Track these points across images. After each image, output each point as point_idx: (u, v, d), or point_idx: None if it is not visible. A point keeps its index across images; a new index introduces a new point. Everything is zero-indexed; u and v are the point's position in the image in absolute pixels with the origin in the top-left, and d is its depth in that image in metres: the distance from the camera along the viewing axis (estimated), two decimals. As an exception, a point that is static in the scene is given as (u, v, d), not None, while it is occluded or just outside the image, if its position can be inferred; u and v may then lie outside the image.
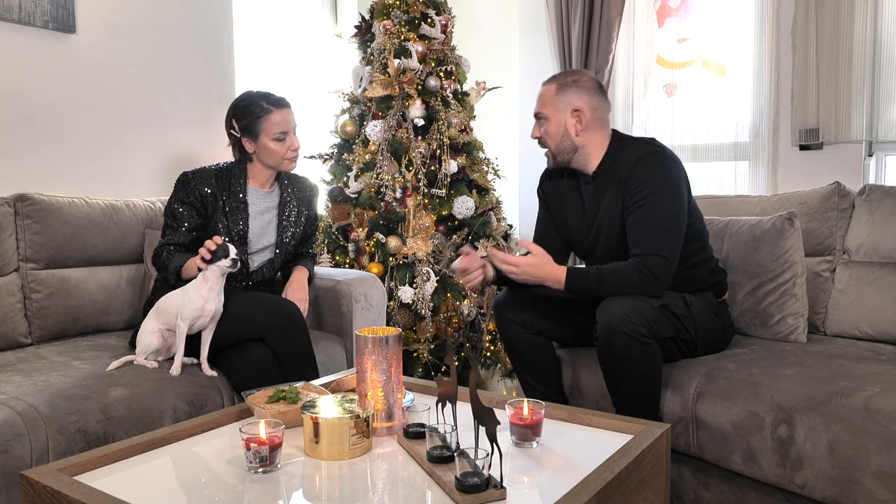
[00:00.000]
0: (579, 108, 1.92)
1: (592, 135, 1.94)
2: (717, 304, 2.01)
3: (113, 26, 2.56)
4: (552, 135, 1.95)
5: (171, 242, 2.02)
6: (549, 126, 1.95)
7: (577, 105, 1.92)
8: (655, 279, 1.80)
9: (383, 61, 3.01)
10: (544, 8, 3.86)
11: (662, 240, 1.82)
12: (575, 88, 1.93)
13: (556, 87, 1.96)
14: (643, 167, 1.86)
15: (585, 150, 1.95)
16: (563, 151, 1.96)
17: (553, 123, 1.95)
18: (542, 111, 1.97)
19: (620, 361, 1.77)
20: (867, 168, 2.85)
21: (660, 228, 1.83)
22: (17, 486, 1.40)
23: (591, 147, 1.95)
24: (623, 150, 1.93)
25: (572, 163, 1.98)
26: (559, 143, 1.95)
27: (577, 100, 1.92)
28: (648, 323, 1.75)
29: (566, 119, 1.93)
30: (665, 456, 1.40)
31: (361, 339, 1.43)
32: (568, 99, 1.93)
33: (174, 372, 1.81)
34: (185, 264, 1.94)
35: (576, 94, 1.93)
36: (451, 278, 2.88)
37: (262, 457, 1.24)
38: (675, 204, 1.86)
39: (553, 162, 2.02)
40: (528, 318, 2.02)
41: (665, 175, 1.86)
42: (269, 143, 2.06)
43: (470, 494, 1.11)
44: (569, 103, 1.93)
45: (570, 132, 1.93)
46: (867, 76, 2.78)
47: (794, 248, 2.08)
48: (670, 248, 1.83)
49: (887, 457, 1.46)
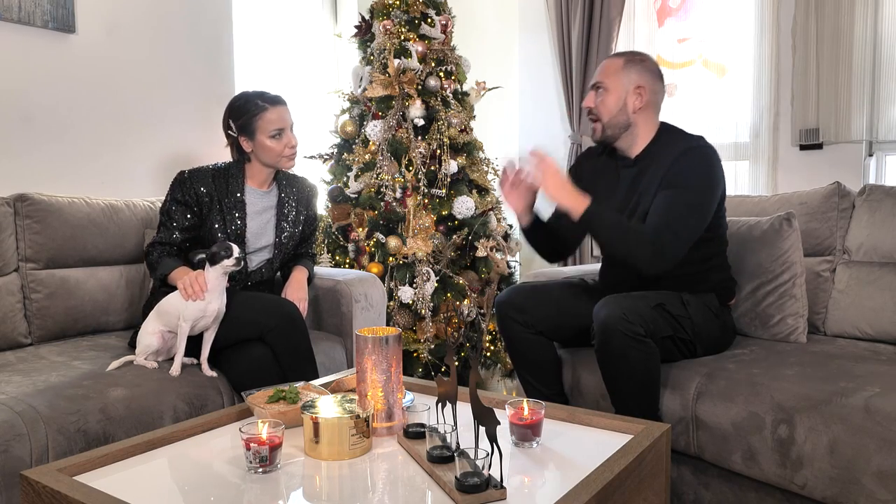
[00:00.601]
0: (642, 86, 1.92)
1: (646, 117, 1.95)
2: (718, 306, 2.00)
3: (113, 26, 2.56)
4: (609, 106, 1.93)
5: (162, 241, 2.03)
6: (608, 97, 1.93)
7: (641, 83, 1.92)
8: (661, 255, 1.80)
9: (383, 61, 3.01)
10: (544, 8, 3.86)
11: (682, 225, 1.82)
12: (641, 67, 1.94)
13: (623, 61, 1.95)
14: (688, 158, 1.87)
15: (635, 131, 1.95)
16: (614, 126, 1.95)
17: (613, 95, 1.93)
18: (604, 81, 1.94)
19: (617, 360, 1.78)
20: (867, 168, 2.85)
21: (685, 214, 1.83)
22: (17, 486, 1.40)
23: (641, 128, 1.95)
24: (670, 140, 1.94)
25: (619, 140, 1.97)
26: (614, 117, 1.94)
27: (642, 78, 1.92)
28: (645, 322, 1.76)
29: (628, 93, 1.92)
30: (665, 456, 1.40)
31: (361, 339, 1.43)
32: (633, 75, 1.92)
33: (174, 372, 1.81)
34: (172, 274, 1.95)
35: (641, 72, 1.93)
36: (452, 278, 2.88)
37: (262, 457, 1.24)
38: (704, 200, 1.86)
39: (601, 135, 1.98)
40: (529, 318, 2.03)
41: (707, 171, 1.87)
42: (266, 140, 2.06)
43: (470, 494, 1.11)
44: (633, 79, 1.92)
45: (627, 107, 1.92)
46: (867, 76, 2.78)
47: (793, 248, 2.08)
48: (686, 229, 1.83)
49: (887, 457, 1.46)
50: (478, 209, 2.99)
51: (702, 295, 1.98)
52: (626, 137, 1.97)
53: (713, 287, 2.02)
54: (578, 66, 3.65)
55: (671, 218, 1.81)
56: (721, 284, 2.04)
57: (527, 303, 2.04)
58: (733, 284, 2.10)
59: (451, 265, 2.92)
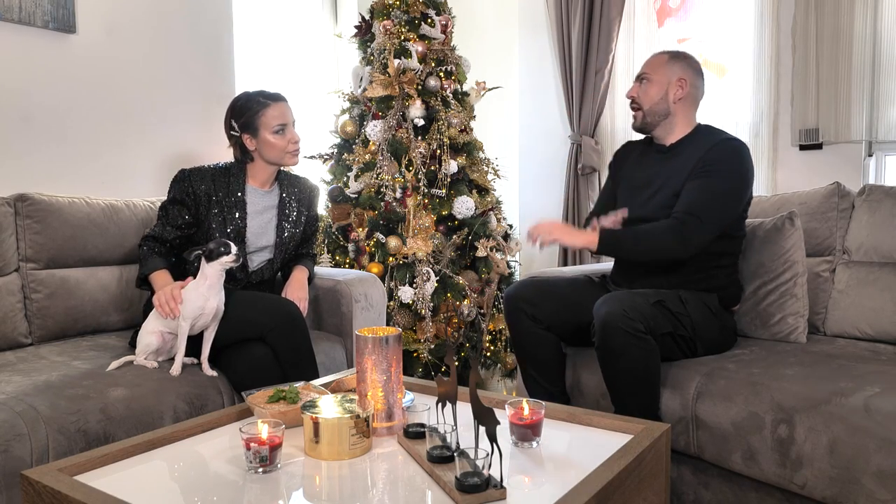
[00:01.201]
0: (684, 79, 2.04)
1: (685, 108, 2.06)
2: (717, 307, 2.01)
3: (113, 26, 2.57)
4: (651, 95, 2.05)
5: (155, 235, 2.04)
6: (651, 87, 2.05)
7: (684, 76, 2.04)
8: (684, 238, 1.88)
9: (383, 61, 3.01)
10: (544, 8, 3.86)
11: (708, 208, 1.89)
12: (685, 63, 2.07)
13: (668, 56, 2.08)
14: (723, 148, 1.97)
15: (673, 120, 2.06)
16: (654, 113, 2.06)
17: (655, 85, 2.05)
18: (649, 73, 2.07)
19: (617, 357, 1.79)
20: (867, 168, 2.85)
21: (711, 199, 1.91)
22: (17, 486, 1.40)
23: (679, 118, 2.06)
24: (707, 133, 2.05)
25: (657, 129, 2.09)
26: (655, 104, 2.05)
27: (684, 72, 2.05)
28: (645, 319, 1.78)
29: (670, 84, 2.04)
30: (665, 456, 1.40)
31: (361, 339, 1.43)
32: (676, 68, 2.05)
33: (174, 372, 1.81)
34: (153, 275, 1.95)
35: (684, 67, 2.06)
36: (452, 278, 2.88)
37: (262, 457, 1.24)
38: (736, 189, 1.94)
39: (640, 122, 2.10)
40: (538, 312, 2.04)
41: (739, 163, 1.96)
42: (270, 137, 2.07)
43: (470, 494, 1.11)
44: (676, 72, 2.05)
45: (668, 97, 2.04)
46: (867, 76, 2.78)
47: (795, 247, 2.08)
48: (712, 218, 1.90)
49: (887, 457, 1.46)
50: (478, 209, 2.99)
51: (701, 294, 1.98)
52: (664, 126, 2.07)
53: (716, 287, 2.03)
54: (578, 66, 3.65)
55: (699, 203, 1.90)
56: (726, 287, 2.05)
57: (536, 296, 2.05)
58: (739, 291, 2.11)
59: (451, 265, 2.92)
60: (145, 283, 1.99)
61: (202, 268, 1.84)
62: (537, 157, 3.89)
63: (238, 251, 1.83)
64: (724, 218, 1.93)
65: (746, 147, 2.00)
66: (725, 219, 1.94)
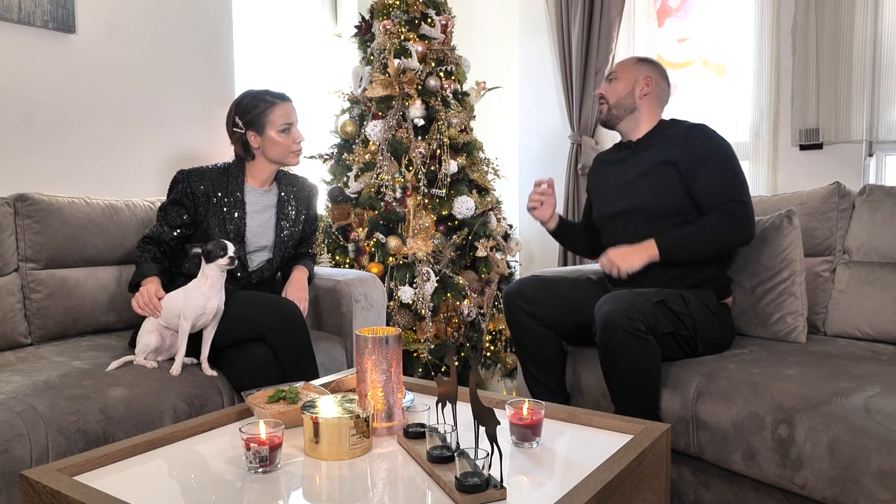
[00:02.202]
0: (650, 76, 2.14)
1: (650, 105, 2.15)
2: (717, 304, 2.02)
3: (113, 26, 2.57)
4: (618, 91, 2.15)
5: (154, 236, 2.04)
6: (618, 84, 2.16)
7: (650, 74, 2.15)
8: (741, 221, 1.94)
9: (383, 61, 3.01)
10: (544, 8, 3.86)
11: (737, 187, 1.97)
12: (651, 65, 2.19)
13: (636, 59, 2.22)
14: (699, 133, 2.06)
15: (638, 115, 2.15)
16: (620, 107, 2.15)
17: (623, 82, 2.15)
18: (617, 72, 2.19)
19: (618, 356, 1.79)
20: (867, 168, 2.85)
21: (732, 178, 1.98)
22: (16, 486, 1.40)
23: (644, 113, 2.15)
24: (671, 125, 2.14)
25: (622, 122, 2.17)
26: (621, 99, 2.14)
27: (651, 71, 2.16)
28: (646, 318, 1.79)
29: (636, 80, 2.14)
30: (665, 456, 1.40)
31: (361, 339, 1.43)
32: (643, 68, 2.17)
33: (174, 372, 1.81)
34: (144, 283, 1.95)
35: (650, 68, 2.18)
36: (452, 278, 2.88)
37: (262, 457, 1.24)
38: (733, 160, 2.02)
39: (606, 114, 2.19)
40: (537, 310, 2.05)
41: (721, 141, 2.05)
42: (276, 135, 2.08)
43: (470, 494, 1.11)
44: (642, 71, 2.16)
45: (634, 92, 2.13)
46: (867, 76, 2.78)
47: (793, 245, 2.07)
48: (744, 193, 1.97)
49: (887, 457, 1.46)
50: (478, 209, 2.99)
51: (701, 292, 1.99)
52: (629, 121, 2.16)
53: (710, 280, 2.05)
54: (578, 66, 3.65)
55: (728, 190, 1.96)
56: (718, 278, 2.08)
57: (536, 295, 2.06)
58: (729, 281, 2.13)
59: (451, 265, 2.92)
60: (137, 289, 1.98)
61: (203, 268, 1.84)
62: (537, 157, 3.89)
63: (235, 253, 1.83)
64: (748, 190, 2.01)
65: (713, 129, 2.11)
66: (748, 191, 2.01)
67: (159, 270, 1.98)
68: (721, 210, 1.95)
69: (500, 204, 3.19)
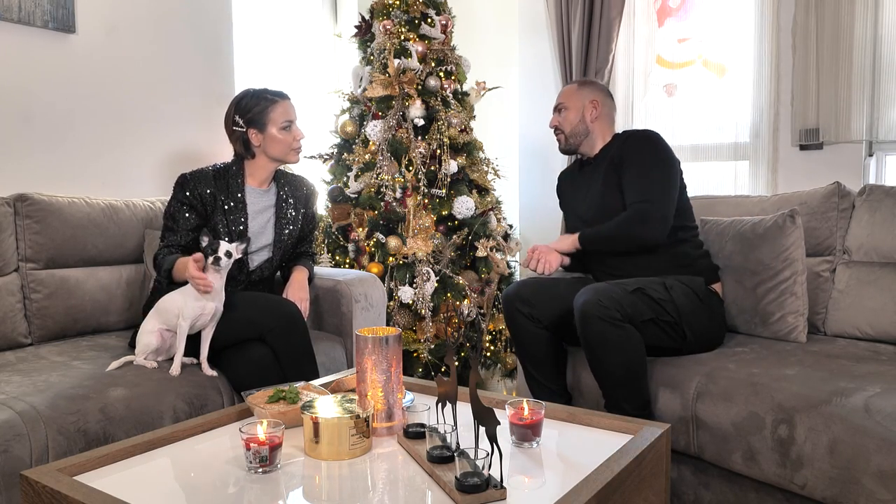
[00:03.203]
0: (596, 100, 2.26)
1: (601, 125, 2.27)
2: (704, 291, 2.05)
3: (113, 26, 2.56)
4: (570, 120, 2.27)
5: (170, 245, 2.02)
6: (569, 114, 2.27)
7: (595, 98, 2.26)
8: (644, 220, 2.04)
9: (383, 61, 3.01)
10: (544, 8, 3.86)
11: (651, 188, 2.07)
12: (592, 87, 2.31)
13: (576, 85, 2.33)
14: (630, 141, 2.18)
15: (593, 136, 2.27)
16: (576, 134, 2.27)
17: (572, 111, 2.27)
18: (564, 102, 2.29)
19: (598, 346, 1.84)
20: (867, 168, 2.85)
21: (648, 179, 2.08)
22: (16, 487, 1.40)
23: (598, 134, 2.27)
24: (623, 136, 2.25)
25: (581, 147, 2.30)
26: (575, 127, 2.27)
27: (594, 94, 2.28)
28: (622, 307, 1.83)
29: (584, 107, 2.26)
30: (665, 456, 1.40)
31: (361, 339, 1.43)
32: (586, 93, 2.28)
33: (174, 372, 1.81)
34: (175, 266, 1.93)
35: (592, 90, 2.29)
36: (452, 278, 2.88)
37: (262, 457, 1.24)
38: (662, 166, 2.11)
39: (565, 144, 2.31)
40: (536, 312, 2.08)
41: (651, 143, 2.15)
42: (277, 132, 2.09)
43: (470, 494, 1.11)
44: (588, 95, 2.27)
45: (585, 118, 2.25)
46: (867, 76, 2.78)
47: (795, 245, 2.07)
48: (660, 194, 2.06)
49: (887, 457, 1.46)
50: (478, 209, 2.99)
51: (687, 279, 2.03)
52: (587, 143, 2.29)
53: (692, 262, 2.11)
54: (578, 66, 3.64)
55: (641, 191, 2.07)
56: (696, 260, 2.14)
57: (534, 296, 2.09)
58: (712, 264, 2.19)
59: (451, 265, 2.91)
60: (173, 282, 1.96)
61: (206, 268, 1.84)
62: (537, 157, 3.89)
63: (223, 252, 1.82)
64: (668, 194, 2.08)
65: (655, 133, 2.19)
66: (669, 194, 2.09)
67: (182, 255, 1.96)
68: (631, 208, 2.07)
69: (500, 204, 3.19)
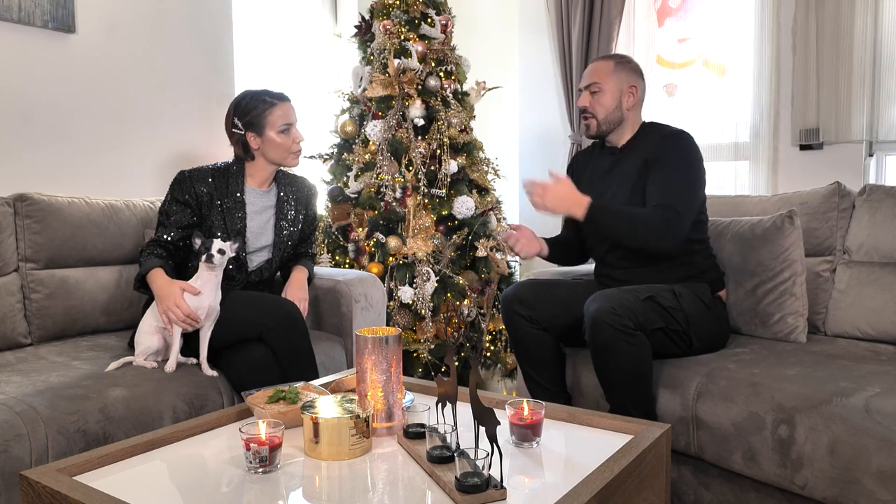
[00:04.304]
0: (634, 85, 2.10)
1: (635, 113, 2.13)
2: (710, 298, 2.04)
3: (113, 26, 2.56)
4: (605, 105, 2.09)
5: (158, 240, 2.01)
6: (604, 97, 2.08)
7: (633, 82, 2.10)
8: (666, 226, 1.92)
9: (383, 61, 3.01)
10: (544, 8, 3.86)
11: (680, 200, 1.95)
12: (630, 68, 2.12)
13: (613, 63, 2.11)
14: (673, 141, 2.04)
15: (626, 125, 2.12)
16: (610, 121, 2.10)
17: (608, 95, 2.08)
18: (599, 82, 2.09)
19: (607, 354, 1.81)
20: (867, 168, 2.85)
21: (680, 191, 1.96)
22: (16, 487, 1.40)
23: (630, 122, 2.12)
24: (653, 130, 2.12)
25: (611, 134, 2.14)
26: (610, 113, 2.09)
27: (632, 78, 2.10)
28: (634, 315, 1.81)
29: (622, 92, 2.08)
30: (665, 456, 1.40)
31: (361, 339, 1.43)
32: (625, 76, 2.09)
33: (168, 369, 1.81)
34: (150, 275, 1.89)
35: (631, 73, 2.11)
36: (452, 278, 2.88)
37: (262, 457, 1.24)
38: (695, 178, 2.01)
39: (596, 130, 2.13)
40: (535, 313, 2.06)
41: (692, 151, 2.03)
42: (275, 135, 2.08)
43: (470, 494, 1.11)
44: (626, 80, 2.09)
45: (622, 104, 2.09)
46: (867, 76, 2.78)
47: (794, 246, 2.07)
48: (685, 208, 1.95)
49: (888, 457, 1.46)
50: (478, 209, 2.99)
51: (694, 286, 2.01)
52: (617, 132, 2.13)
53: (702, 272, 2.07)
54: (578, 66, 3.64)
55: (671, 195, 1.95)
56: (707, 270, 2.10)
57: (533, 298, 2.07)
58: (721, 274, 2.15)
59: (451, 265, 2.91)
60: (143, 286, 1.94)
61: (200, 267, 1.84)
62: (537, 157, 3.89)
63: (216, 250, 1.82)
64: (694, 206, 2.00)
65: (692, 136, 2.07)
66: (695, 207, 2.00)
67: (162, 264, 1.93)
68: (656, 208, 1.94)
69: (500, 204, 3.19)
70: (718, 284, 2.12)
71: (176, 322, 1.81)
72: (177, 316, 1.80)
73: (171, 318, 1.81)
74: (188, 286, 1.84)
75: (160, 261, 1.94)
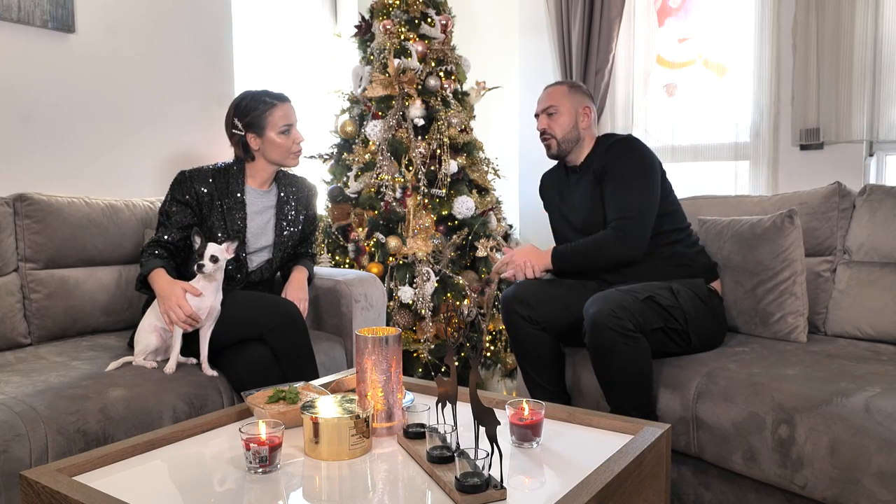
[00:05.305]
0: (588, 107, 2.21)
1: (590, 132, 2.23)
2: (707, 293, 2.05)
3: (112, 26, 2.56)
4: (563, 126, 2.19)
5: (159, 240, 2.00)
6: (562, 118, 2.19)
7: (587, 104, 2.22)
8: (625, 238, 2.01)
9: (383, 61, 3.01)
10: (544, 8, 3.86)
11: (633, 205, 2.03)
12: (582, 92, 2.25)
13: (567, 87, 2.24)
14: (614, 150, 2.12)
15: (583, 143, 2.22)
16: (567, 141, 2.20)
17: (565, 116, 2.19)
18: (556, 104, 2.21)
19: (608, 356, 1.82)
20: (868, 168, 2.85)
21: (629, 194, 2.04)
22: (16, 487, 1.40)
23: (586, 141, 2.23)
24: (605, 141, 2.21)
25: (570, 154, 2.23)
26: (567, 134, 2.19)
27: (586, 101, 2.23)
28: (634, 316, 1.82)
29: (577, 113, 2.19)
30: (665, 456, 1.40)
31: (361, 339, 1.43)
32: (579, 98, 2.22)
33: (168, 370, 1.81)
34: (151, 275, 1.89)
35: (584, 96, 2.24)
36: (452, 278, 2.88)
37: (262, 457, 1.24)
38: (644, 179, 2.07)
39: (556, 150, 2.23)
40: (534, 313, 2.07)
41: (635, 154, 2.10)
42: (276, 136, 2.08)
43: (470, 494, 1.11)
44: (580, 101, 2.21)
45: (578, 125, 2.19)
46: (868, 76, 2.78)
47: (794, 245, 2.07)
48: (642, 212, 2.03)
49: (888, 457, 1.46)
50: (478, 209, 2.99)
51: (690, 282, 2.03)
52: (576, 150, 2.23)
53: (691, 261, 2.11)
54: (578, 66, 3.64)
55: (623, 204, 2.04)
56: (699, 258, 2.14)
57: (533, 298, 2.08)
58: (713, 264, 2.18)
59: (451, 265, 2.91)
60: (145, 286, 1.94)
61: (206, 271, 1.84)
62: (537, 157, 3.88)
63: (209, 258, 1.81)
64: (651, 204, 2.05)
65: (635, 138, 2.16)
66: (652, 204, 2.06)
67: (164, 265, 1.93)
68: (611, 226, 2.04)
69: (500, 204, 3.19)
70: (712, 274, 2.14)
71: (177, 322, 1.81)
72: (178, 316, 1.80)
73: (172, 319, 1.81)
74: (190, 287, 1.84)
75: (162, 261, 1.94)
